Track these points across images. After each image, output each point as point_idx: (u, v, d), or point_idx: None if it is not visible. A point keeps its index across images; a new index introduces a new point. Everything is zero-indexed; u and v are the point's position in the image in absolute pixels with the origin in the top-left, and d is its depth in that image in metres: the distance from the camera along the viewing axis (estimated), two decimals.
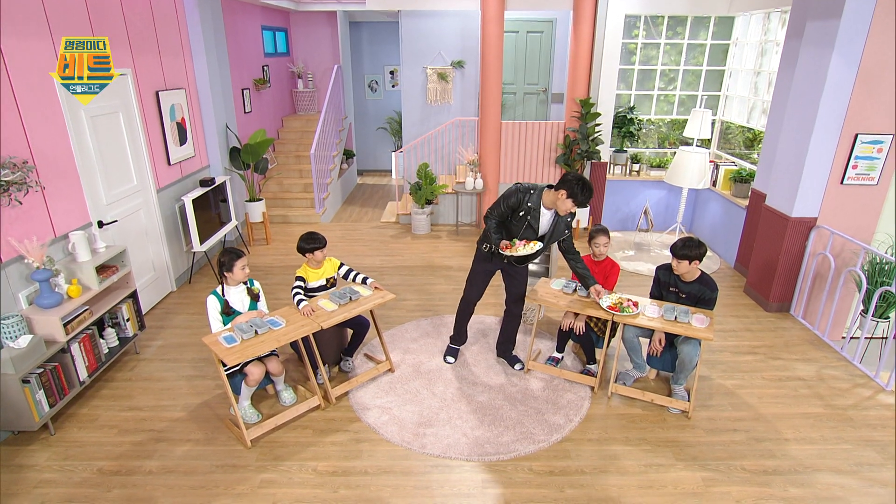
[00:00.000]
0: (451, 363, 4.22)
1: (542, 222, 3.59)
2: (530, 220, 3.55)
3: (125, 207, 4.70)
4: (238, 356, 3.14)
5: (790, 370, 4.22)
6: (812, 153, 4.57)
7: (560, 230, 3.63)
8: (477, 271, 3.99)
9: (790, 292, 5.08)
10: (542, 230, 3.63)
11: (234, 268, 3.46)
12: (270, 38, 8.62)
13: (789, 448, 3.38)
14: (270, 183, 8.12)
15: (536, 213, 3.54)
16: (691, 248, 3.58)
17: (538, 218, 3.56)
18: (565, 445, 3.37)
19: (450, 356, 4.26)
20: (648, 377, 4.07)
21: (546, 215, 3.59)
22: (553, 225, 3.62)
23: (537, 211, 3.54)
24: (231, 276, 3.49)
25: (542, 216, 3.57)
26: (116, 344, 4.11)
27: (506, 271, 3.95)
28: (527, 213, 3.55)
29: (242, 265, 3.49)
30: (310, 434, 3.47)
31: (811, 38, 4.52)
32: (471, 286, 4.05)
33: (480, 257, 3.93)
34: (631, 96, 7.37)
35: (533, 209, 3.54)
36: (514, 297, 4.03)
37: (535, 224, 3.57)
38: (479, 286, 4.02)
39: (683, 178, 6.26)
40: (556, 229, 3.62)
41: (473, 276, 4.02)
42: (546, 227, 3.64)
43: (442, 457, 3.25)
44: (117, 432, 3.46)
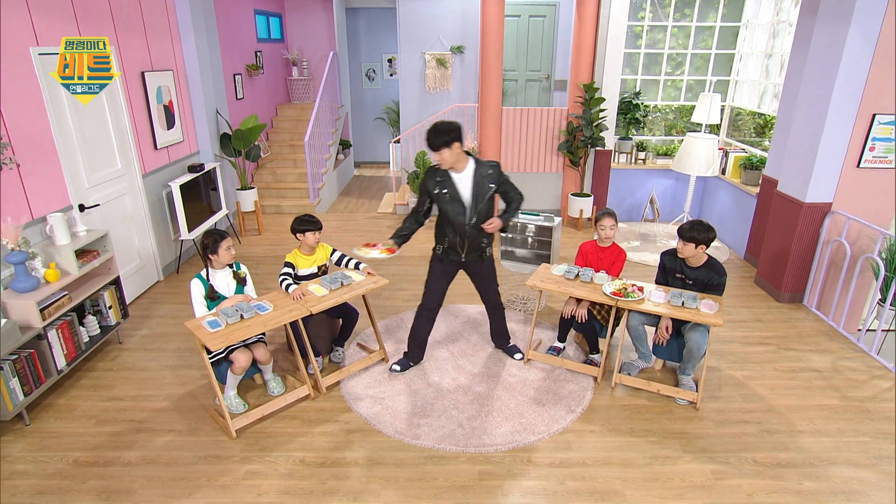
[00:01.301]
0: (397, 371, 3.84)
1: (462, 189, 3.43)
2: (449, 191, 3.42)
3: (108, 191, 4.61)
4: (222, 341, 3.05)
5: (804, 361, 4.11)
6: (827, 135, 4.46)
7: (484, 186, 3.42)
8: (433, 273, 3.74)
9: (803, 282, 4.97)
10: (467, 196, 3.44)
11: (219, 249, 3.37)
12: (264, 22, 8.53)
13: (803, 440, 3.28)
14: (264, 173, 8.03)
15: (451, 182, 3.42)
16: (700, 230, 3.48)
17: (454, 185, 3.42)
18: (566, 437, 3.27)
19: (397, 365, 3.87)
20: (654, 367, 3.97)
21: (463, 180, 3.42)
22: (475, 185, 3.42)
23: (450, 179, 3.43)
24: (216, 258, 3.39)
25: (458, 183, 3.42)
26: (98, 332, 4.02)
27: (470, 272, 3.75)
28: (442, 185, 3.43)
29: (227, 246, 3.39)
30: (298, 424, 3.38)
31: (826, 13, 4.41)
32: (428, 290, 3.76)
33: (434, 258, 3.74)
34: (637, 81, 7.27)
35: (445, 180, 3.43)
36: (488, 300, 3.90)
37: (455, 193, 3.43)
38: (436, 290, 3.74)
39: (691, 165, 6.15)
40: (480, 188, 3.42)
41: (430, 278, 3.75)
42: (470, 190, 3.43)
43: (436, 448, 3.16)
44: (95, 422, 3.37)
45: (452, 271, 3.75)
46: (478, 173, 3.43)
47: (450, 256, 3.66)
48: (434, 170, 3.47)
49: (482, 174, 3.43)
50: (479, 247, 3.60)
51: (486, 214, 3.49)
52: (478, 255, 3.65)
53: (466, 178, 3.43)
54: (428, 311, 3.80)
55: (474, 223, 3.48)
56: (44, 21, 3.88)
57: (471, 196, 3.44)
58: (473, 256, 3.64)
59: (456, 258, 3.65)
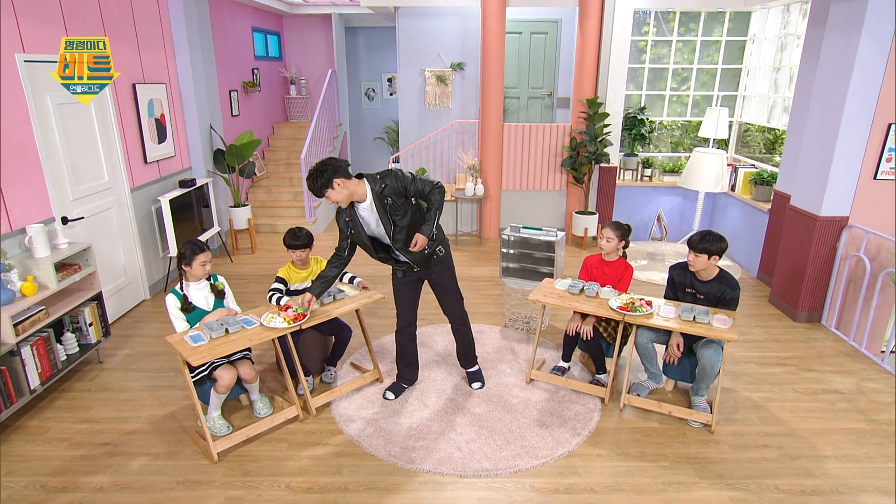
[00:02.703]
0: (391, 399, 3.66)
1: (370, 221, 3.23)
2: (361, 225, 3.22)
3: (94, 205, 4.54)
4: (205, 355, 2.93)
5: (825, 383, 3.96)
6: (840, 147, 4.39)
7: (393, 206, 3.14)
8: (397, 291, 3.58)
9: (821, 300, 4.84)
10: (378, 226, 3.22)
11: (194, 262, 3.26)
12: (262, 40, 8.62)
13: (829, 466, 3.11)
14: (259, 191, 7.99)
15: (355, 217, 3.21)
16: (711, 241, 3.38)
17: (364, 218, 3.22)
18: (572, 461, 3.11)
19: (391, 392, 3.70)
20: (665, 388, 3.82)
21: (368, 207, 3.18)
22: (380, 211, 3.16)
23: (354, 214, 3.21)
24: (189, 270, 3.28)
25: (365, 214, 3.21)
26: (76, 351, 3.90)
27: (431, 282, 3.55)
28: (352, 223, 3.22)
29: (203, 261, 3.28)
30: (285, 447, 3.23)
31: (836, 21, 4.38)
32: (399, 309, 3.60)
33: (394, 276, 3.58)
34: (641, 97, 7.26)
35: (353, 217, 3.21)
36: (450, 312, 3.66)
37: (365, 227, 3.24)
38: (405, 307, 3.58)
39: (699, 181, 6.08)
40: (388, 209, 3.15)
41: (396, 298, 3.59)
42: (376, 215, 3.20)
43: (433, 472, 3.00)
44: (67, 445, 3.23)
45: (416, 285, 3.57)
46: (375, 194, 3.14)
47: (406, 275, 3.50)
48: (340, 212, 3.24)
49: (378, 192, 3.14)
50: (424, 257, 3.35)
51: (406, 225, 3.21)
52: (429, 260, 3.40)
53: (370, 204, 3.18)
54: (405, 331, 3.64)
55: (402, 242, 3.24)
56: (32, 27, 3.87)
57: (379, 220, 3.19)
58: (429, 264, 3.41)
59: (411, 273, 3.47)
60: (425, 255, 3.35)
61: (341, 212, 3.24)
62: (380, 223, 3.21)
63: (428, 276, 3.52)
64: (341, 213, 3.24)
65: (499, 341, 4.48)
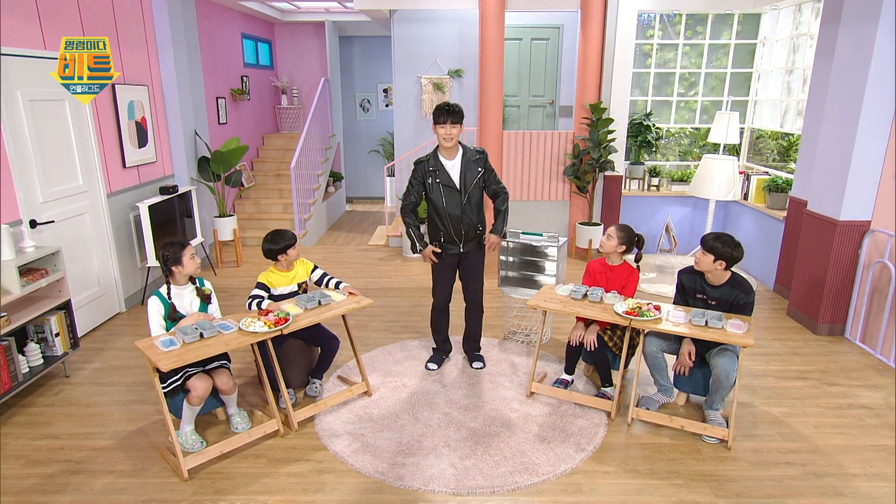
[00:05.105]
0: (434, 370, 4.10)
1: (454, 175, 3.73)
2: (441, 179, 3.70)
3: (66, 209, 4.46)
4: (176, 360, 2.81)
5: (851, 397, 3.82)
6: (859, 147, 4.33)
7: (473, 171, 3.73)
8: (441, 272, 3.97)
9: (843, 311, 4.71)
10: (458, 182, 3.73)
11: (183, 258, 3.16)
12: (252, 47, 8.65)
13: (858, 485, 2.97)
14: (247, 203, 7.93)
15: (443, 169, 3.70)
16: (724, 243, 3.27)
17: (447, 172, 3.71)
18: (576, 478, 2.97)
19: (432, 363, 4.15)
20: (676, 403, 3.68)
21: (454, 166, 3.73)
22: (463, 169, 3.72)
23: (441, 167, 3.70)
24: (180, 269, 3.18)
25: (450, 169, 3.72)
26: (40, 363, 3.78)
27: (464, 263, 3.96)
28: (434, 174, 3.70)
29: (191, 254, 3.20)
30: (263, 464, 3.08)
31: (851, 17, 4.36)
32: (436, 288, 4.03)
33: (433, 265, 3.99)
34: (647, 103, 7.24)
35: (437, 169, 3.70)
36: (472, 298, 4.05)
37: (447, 180, 3.71)
38: (444, 286, 4.00)
39: (710, 188, 5.99)
40: (469, 171, 3.72)
41: (435, 276, 4.02)
42: (459, 176, 3.73)
43: (423, 490, 2.85)
44: (24, 463, 3.08)
45: (455, 267, 3.97)
46: (465, 158, 3.73)
47: (448, 250, 3.85)
48: (422, 161, 3.74)
49: (470, 159, 3.73)
50: (475, 234, 3.83)
51: (476, 201, 3.79)
52: (475, 242, 3.86)
53: (456, 164, 3.73)
54: (444, 309, 4.07)
55: (467, 208, 3.74)
56: (3, 20, 3.83)
57: (460, 181, 3.72)
58: (472, 245, 3.85)
59: (455, 250, 3.84)
60: (478, 233, 3.86)
61: (424, 166, 3.73)
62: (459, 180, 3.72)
63: (464, 258, 3.92)
64: (424, 166, 3.73)
65: (497, 354, 4.35)
